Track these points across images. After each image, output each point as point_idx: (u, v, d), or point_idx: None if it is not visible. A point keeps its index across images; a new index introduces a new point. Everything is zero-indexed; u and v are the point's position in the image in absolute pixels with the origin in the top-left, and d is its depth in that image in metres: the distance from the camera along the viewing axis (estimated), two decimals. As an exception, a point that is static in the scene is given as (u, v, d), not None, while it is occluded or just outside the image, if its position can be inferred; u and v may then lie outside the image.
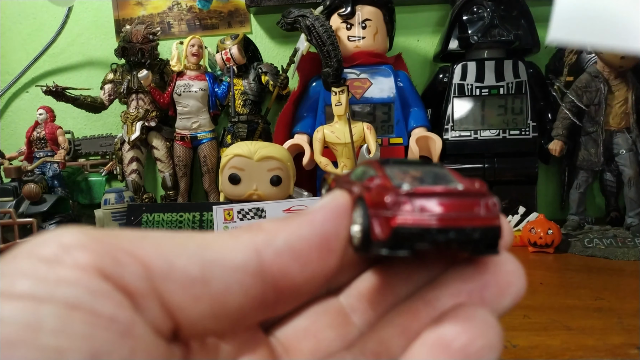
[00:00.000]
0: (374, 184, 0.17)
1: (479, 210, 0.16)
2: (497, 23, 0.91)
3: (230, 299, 0.15)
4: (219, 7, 1.15)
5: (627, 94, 0.84)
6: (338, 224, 0.17)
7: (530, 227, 0.79)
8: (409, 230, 0.15)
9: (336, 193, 0.18)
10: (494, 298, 0.17)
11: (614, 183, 0.95)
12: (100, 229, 0.15)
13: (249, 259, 0.15)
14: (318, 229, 0.17)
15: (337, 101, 0.84)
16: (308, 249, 0.16)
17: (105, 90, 1.06)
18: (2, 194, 0.86)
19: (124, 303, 0.13)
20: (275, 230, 0.16)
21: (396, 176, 0.17)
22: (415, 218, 0.15)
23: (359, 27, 0.94)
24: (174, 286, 0.14)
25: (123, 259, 0.14)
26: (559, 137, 0.88)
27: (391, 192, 0.16)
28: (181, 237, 0.15)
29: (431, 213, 0.15)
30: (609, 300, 0.53)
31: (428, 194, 0.16)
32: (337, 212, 0.17)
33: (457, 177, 0.18)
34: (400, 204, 0.16)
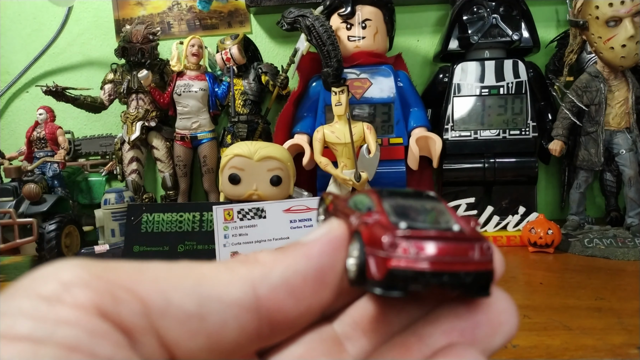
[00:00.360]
0: (372, 219, 0.17)
1: (473, 255, 0.16)
2: (497, 23, 0.91)
3: (226, 334, 0.15)
4: (219, 7, 1.15)
5: (627, 94, 0.84)
6: (334, 258, 0.17)
7: (530, 227, 0.79)
8: (403, 272, 0.16)
9: (333, 224, 0.18)
10: (486, 337, 0.17)
11: (614, 183, 0.95)
12: (99, 263, 0.15)
13: (245, 294, 0.16)
14: (314, 263, 0.17)
15: (337, 101, 0.84)
16: (303, 283, 0.16)
17: (105, 90, 1.07)
18: (2, 194, 0.86)
19: (122, 342, 0.14)
20: (271, 264, 0.16)
21: (393, 212, 0.17)
22: (410, 261, 0.16)
23: (359, 27, 0.94)
24: (171, 322, 0.15)
25: (122, 296, 0.14)
26: (559, 137, 0.88)
27: (388, 232, 0.16)
28: (179, 271, 0.16)
29: (426, 257, 0.16)
30: (609, 300, 0.53)
31: (424, 237, 0.16)
32: (333, 245, 0.17)
33: (453, 215, 0.18)
34: (396, 246, 0.16)
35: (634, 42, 0.78)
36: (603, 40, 0.80)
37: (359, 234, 0.17)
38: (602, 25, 0.80)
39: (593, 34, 0.82)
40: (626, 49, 0.79)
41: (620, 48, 0.79)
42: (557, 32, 1.04)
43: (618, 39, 0.79)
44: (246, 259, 0.17)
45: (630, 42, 0.78)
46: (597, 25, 0.81)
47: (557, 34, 1.03)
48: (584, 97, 0.85)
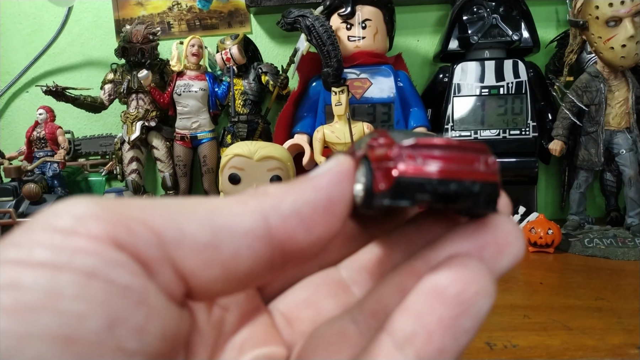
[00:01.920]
0: (378, 142, 0.17)
1: (479, 166, 0.17)
2: (497, 23, 0.91)
3: (240, 263, 0.16)
4: (219, 7, 1.15)
5: (627, 94, 0.84)
6: (343, 187, 0.17)
7: (530, 227, 0.79)
8: (410, 180, 0.16)
9: (340, 157, 0.18)
10: (493, 257, 0.17)
11: (614, 183, 0.95)
12: (109, 199, 0.15)
13: (256, 224, 0.16)
14: (323, 193, 0.17)
15: (337, 101, 0.84)
16: (313, 213, 0.16)
17: (105, 90, 1.06)
18: (2, 194, 0.86)
19: (138, 271, 0.14)
20: (281, 195, 0.17)
21: (399, 137, 0.17)
22: (416, 168, 0.16)
23: (359, 27, 0.94)
24: (186, 252, 0.15)
25: (135, 227, 0.14)
26: (559, 137, 0.88)
27: (394, 145, 0.16)
28: (191, 203, 0.16)
29: (432, 164, 0.16)
30: (609, 300, 0.53)
31: (430, 145, 0.16)
32: (341, 175, 0.18)
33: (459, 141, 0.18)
34: (403, 155, 0.16)
35: (634, 42, 0.78)
36: (603, 40, 0.80)
37: (366, 157, 0.18)
38: (602, 25, 0.80)
39: (593, 34, 0.82)
40: (626, 49, 0.79)
41: (620, 48, 0.79)
42: (557, 32, 1.04)
43: (618, 39, 0.79)
44: (256, 192, 0.17)
45: (630, 42, 0.78)
46: (597, 25, 0.81)
47: (557, 34, 1.03)
48: (584, 97, 0.85)
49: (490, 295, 0.15)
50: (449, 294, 0.15)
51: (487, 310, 0.15)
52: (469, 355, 0.42)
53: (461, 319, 0.15)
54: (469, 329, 0.15)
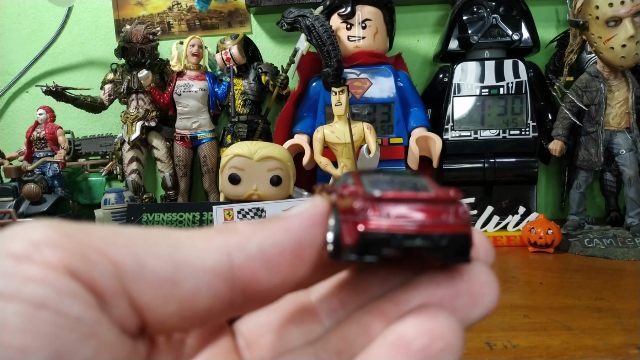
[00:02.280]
0: (347, 190, 0.17)
1: (447, 217, 0.16)
2: (497, 23, 0.91)
3: (199, 300, 0.15)
4: (219, 7, 1.15)
5: (627, 94, 0.84)
6: (313, 233, 0.17)
7: (530, 227, 0.79)
8: (375, 235, 0.16)
9: (315, 200, 0.18)
10: (466, 307, 0.17)
11: (614, 183, 0.95)
12: (72, 224, 0.15)
13: (220, 262, 0.15)
14: (293, 236, 0.16)
15: (337, 101, 0.84)
16: (280, 256, 0.16)
17: (105, 90, 1.06)
18: (2, 194, 0.86)
19: (92, 303, 0.13)
20: (249, 234, 0.16)
21: (370, 184, 0.17)
22: (381, 224, 0.16)
23: (359, 27, 0.94)
24: (144, 286, 0.14)
25: (93, 257, 0.14)
26: (559, 137, 0.88)
27: (360, 197, 0.16)
28: (154, 236, 0.15)
29: (397, 219, 0.16)
30: (609, 300, 0.53)
31: (396, 199, 0.16)
32: (313, 220, 0.17)
33: (433, 186, 0.18)
34: (367, 209, 0.16)
35: (634, 42, 0.78)
36: (603, 40, 0.80)
37: (335, 205, 0.17)
38: (602, 25, 0.80)
39: (593, 34, 0.82)
40: (626, 49, 0.79)
41: (620, 48, 0.79)
42: (557, 32, 1.04)
43: (618, 39, 0.79)
44: (225, 228, 0.17)
45: (630, 42, 0.78)
46: (597, 25, 0.81)
47: (557, 34, 1.03)
48: (584, 97, 0.85)
49: (457, 351, 0.15)
50: (413, 348, 0.14)
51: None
52: (469, 355, 0.42)
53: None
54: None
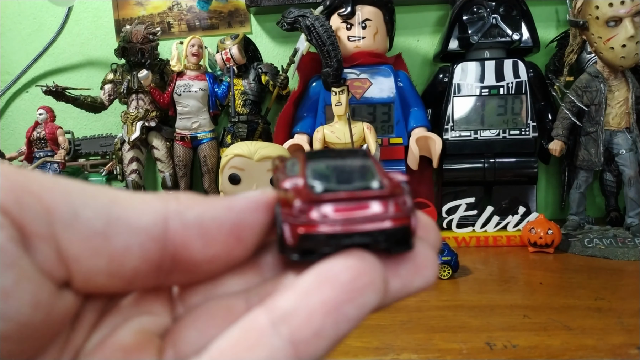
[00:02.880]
0: (290, 185, 0.17)
1: (387, 212, 0.16)
2: (497, 23, 0.91)
3: (128, 259, 0.15)
4: (219, 7, 1.15)
5: (627, 94, 0.84)
6: (255, 217, 0.17)
7: (530, 227, 0.79)
8: (313, 237, 0.16)
9: (267, 190, 0.18)
10: (408, 275, 0.17)
11: (614, 183, 0.95)
12: (14, 167, 0.15)
13: (155, 223, 0.15)
14: (233, 216, 0.17)
15: (337, 101, 0.84)
16: (217, 230, 0.16)
17: (105, 90, 1.06)
18: (2, 194, 0.86)
19: (15, 237, 0.14)
20: (190, 203, 0.16)
21: (313, 175, 0.17)
22: (320, 226, 0.16)
23: (359, 27, 0.94)
24: (75, 236, 0.15)
25: (27, 199, 0.14)
26: (559, 137, 0.88)
27: (300, 197, 0.16)
28: (93, 190, 0.16)
29: (334, 219, 0.16)
30: (609, 300, 0.53)
31: (334, 199, 0.16)
32: (257, 204, 0.17)
33: (379, 172, 0.18)
34: (305, 210, 0.16)
35: (634, 42, 0.78)
36: (603, 40, 0.80)
37: (278, 201, 0.18)
38: (602, 25, 0.80)
39: (593, 34, 0.82)
40: (626, 49, 0.79)
41: (620, 48, 0.79)
42: (557, 32, 1.04)
43: (618, 39, 0.79)
44: (166, 196, 0.17)
45: (630, 42, 0.78)
46: (597, 26, 0.81)
47: (557, 34, 1.03)
48: (584, 97, 0.85)
49: (379, 292, 0.15)
50: (339, 280, 0.15)
51: (373, 305, 0.15)
52: (469, 355, 0.42)
53: (346, 306, 0.15)
54: (351, 318, 0.15)
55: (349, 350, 0.43)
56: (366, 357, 0.42)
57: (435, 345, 0.43)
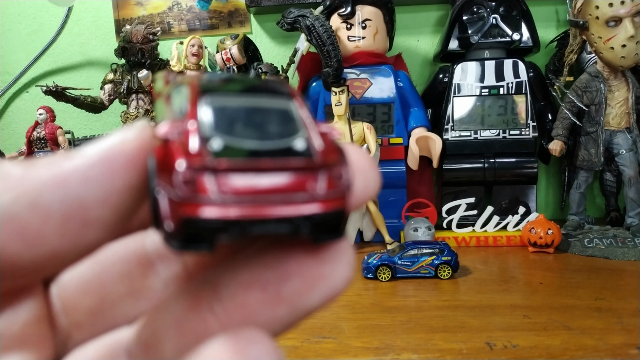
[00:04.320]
0: (174, 132, 0.12)
1: (314, 190, 0.12)
2: (497, 23, 0.91)
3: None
4: (219, 7, 1.15)
5: (627, 94, 0.84)
6: (108, 185, 0.12)
7: (530, 227, 0.79)
8: (204, 223, 0.11)
9: (130, 131, 0.12)
10: (295, 294, 0.13)
11: (614, 183, 0.95)
12: None
13: None
14: (70, 195, 0.11)
15: (337, 101, 0.84)
16: (43, 222, 0.11)
17: (105, 90, 1.06)
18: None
19: None
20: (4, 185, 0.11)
21: (212, 119, 0.12)
22: (213, 207, 0.11)
23: (359, 27, 0.94)
24: None
25: None
26: (559, 137, 0.88)
27: (187, 157, 0.11)
28: None
29: (238, 199, 0.11)
30: (609, 300, 0.53)
31: (239, 168, 0.11)
32: (112, 166, 0.12)
33: (304, 123, 0.13)
34: (193, 182, 0.11)
35: (634, 42, 0.78)
36: (603, 40, 0.80)
37: (152, 155, 0.12)
38: (602, 25, 0.80)
39: (593, 34, 0.82)
40: (626, 49, 0.79)
41: (620, 48, 0.79)
42: (557, 32, 1.04)
43: (618, 39, 0.79)
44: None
45: (630, 42, 0.78)
46: (597, 25, 0.81)
47: (557, 34, 1.03)
48: (584, 97, 0.85)
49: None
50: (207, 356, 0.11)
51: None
52: (469, 355, 0.42)
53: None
54: None
55: (349, 350, 0.43)
56: (366, 357, 0.42)
57: (435, 345, 0.43)
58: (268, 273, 0.13)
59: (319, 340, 0.45)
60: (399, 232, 0.86)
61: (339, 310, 0.54)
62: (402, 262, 0.65)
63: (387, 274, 0.65)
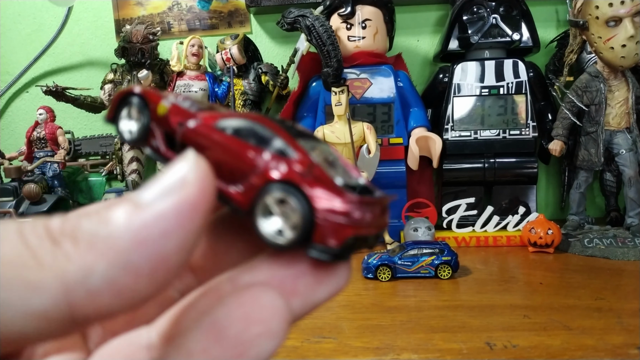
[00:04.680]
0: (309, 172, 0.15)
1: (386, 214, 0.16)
2: (497, 23, 0.91)
3: (23, 341, 0.13)
4: (219, 7, 1.15)
5: (627, 94, 0.84)
6: (185, 233, 0.13)
7: (530, 227, 0.79)
8: (357, 239, 0.15)
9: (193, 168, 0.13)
10: (308, 288, 0.15)
11: (614, 183, 0.95)
12: None
13: (54, 303, 0.12)
14: (153, 251, 0.12)
15: (337, 101, 0.84)
16: (135, 280, 0.12)
17: (105, 90, 1.06)
18: (2, 194, 0.86)
19: None
20: (92, 258, 0.12)
21: (324, 163, 0.16)
22: (363, 228, 0.15)
23: (359, 27, 0.94)
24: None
25: None
26: (559, 137, 0.88)
27: (341, 197, 0.15)
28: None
29: (371, 221, 0.15)
30: (609, 300, 0.53)
31: (368, 202, 0.15)
32: (187, 215, 0.13)
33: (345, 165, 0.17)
34: (352, 213, 0.15)
35: (634, 42, 0.78)
36: (603, 40, 0.80)
37: (298, 187, 0.15)
38: (602, 25, 0.80)
39: (593, 34, 0.82)
40: (626, 49, 0.79)
41: (620, 48, 0.79)
42: (557, 32, 1.04)
43: (618, 39, 0.79)
44: (59, 238, 0.12)
45: (630, 42, 0.78)
46: (597, 25, 0.81)
47: (557, 34, 1.03)
48: (584, 97, 0.85)
49: (276, 337, 0.13)
50: (227, 334, 0.13)
51: (271, 352, 0.13)
52: (469, 355, 0.42)
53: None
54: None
55: (349, 350, 0.43)
56: (366, 357, 0.42)
57: (435, 345, 0.43)
58: (283, 271, 0.15)
59: (319, 340, 0.45)
60: (399, 232, 0.86)
61: (339, 310, 0.54)
62: (402, 262, 0.65)
63: (387, 274, 0.65)
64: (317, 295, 0.15)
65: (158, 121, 0.17)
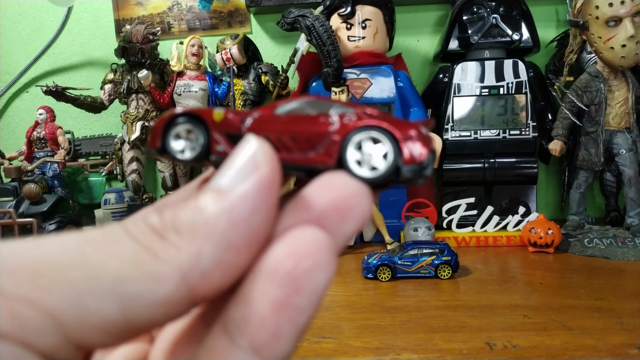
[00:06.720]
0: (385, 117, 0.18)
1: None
2: (497, 23, 0.91)
3: (151, 327, 0.14)
4: (219, 7, 1.15)
5: (627, 94, 0.84)
6: (269, 207, 0.14)
7: (530, 227, 0.79)
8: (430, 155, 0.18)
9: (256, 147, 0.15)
10: (335, 225, 0.15)
11: (614, 183, 0.95)
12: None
13: (176, 289, 0.13)
14: (246, 227, 0.14)
15: (337, 101, 0.84)
16: (237, 255, 0.14)
17: (105, 90, 1.06)
18: (2, 194, 0.86)
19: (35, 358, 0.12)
20: (199, 244, 0.14)
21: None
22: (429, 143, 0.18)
23: (359, 27, 0.94)
24: (89, 330, 0.13)
25: (26, 313, 0.12)
26: (559, 137, 0.88)
27: (408, 124, 0.18)
28: (96, 262, 0.13)
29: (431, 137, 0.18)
30: (609, 300, 0.53)
31: (426, 124, 0.18)
32: (265, 191, 0.14)
33: None
34: (424, 131, 0.18)
35: (634, 42, 0.78)
36: (603, 40, 0.80)
37: (385, 130, 0.17)
38: (602, 25, 0.80)
39: (593, 34, 0.82)
40: (626, 49, 0.79)
41: (620, 48, 0.79)
42: (557, 32, 1.04)
43: (618, 39, 0.79)
44: (164, 232, 0.14)
45: (630, 42, 0.78)
46: (597, 25, 0.81)
47: (557, 34, 1.03)
48: (584, 97, 0.85)
49: (327, 267, 0.14)
50: (280, 273, 0.14)
51: (325, 283, 0.14)
52: (469, 355, 0.42)
53: (295, 298, 0.14)
54: (305, 307, 0.14)
55: (349, 350, 0.43)
56: (366, 357, 0.42)
57: (435, 345, 0.43)
58: (307, 213, 0.15)
59: (319, 340, 0.45)
60: (399, 232, 0.86)
61: (339, 310, 0.54)
62: (402, 262, 0.65)
63: (387, 274, 0.65)
64: (346, 230, 0.15)
65: (217, 127, 0.19)
